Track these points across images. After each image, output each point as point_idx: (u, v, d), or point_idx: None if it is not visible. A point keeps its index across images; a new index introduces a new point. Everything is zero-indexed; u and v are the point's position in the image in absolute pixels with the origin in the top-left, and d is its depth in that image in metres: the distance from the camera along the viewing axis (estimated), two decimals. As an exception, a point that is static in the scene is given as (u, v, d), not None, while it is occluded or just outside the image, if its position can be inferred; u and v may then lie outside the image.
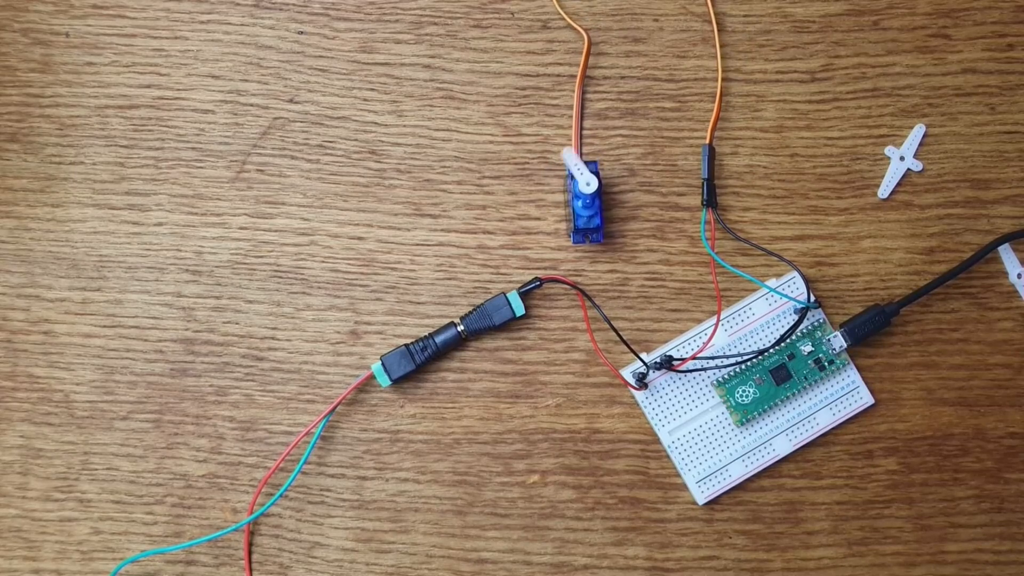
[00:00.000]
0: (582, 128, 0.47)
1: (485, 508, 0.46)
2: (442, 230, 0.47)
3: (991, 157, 0.47)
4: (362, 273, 0.47)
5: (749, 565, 0.46)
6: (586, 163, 0.45)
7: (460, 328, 0.46)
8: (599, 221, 0.45)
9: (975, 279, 0.47)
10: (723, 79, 0.47)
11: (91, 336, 0.47)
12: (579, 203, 0.45)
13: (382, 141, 0.47)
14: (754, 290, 0.46)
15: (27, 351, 0.47)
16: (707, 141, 0.47)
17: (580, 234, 0.46)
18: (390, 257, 0.47)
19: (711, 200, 0.46)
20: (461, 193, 0.47)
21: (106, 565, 0.46)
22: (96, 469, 0.47)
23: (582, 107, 0.47)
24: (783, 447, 0.46)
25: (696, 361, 0.46)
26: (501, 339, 0.47)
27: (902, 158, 0.47)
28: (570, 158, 0.45)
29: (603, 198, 0.46)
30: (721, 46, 0.47)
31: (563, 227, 0.47)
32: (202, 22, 0.48)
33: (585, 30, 0.47)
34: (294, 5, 0.48)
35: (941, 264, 0.47)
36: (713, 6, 0.47)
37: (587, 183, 0.44)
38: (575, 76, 0.47)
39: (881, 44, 0.47)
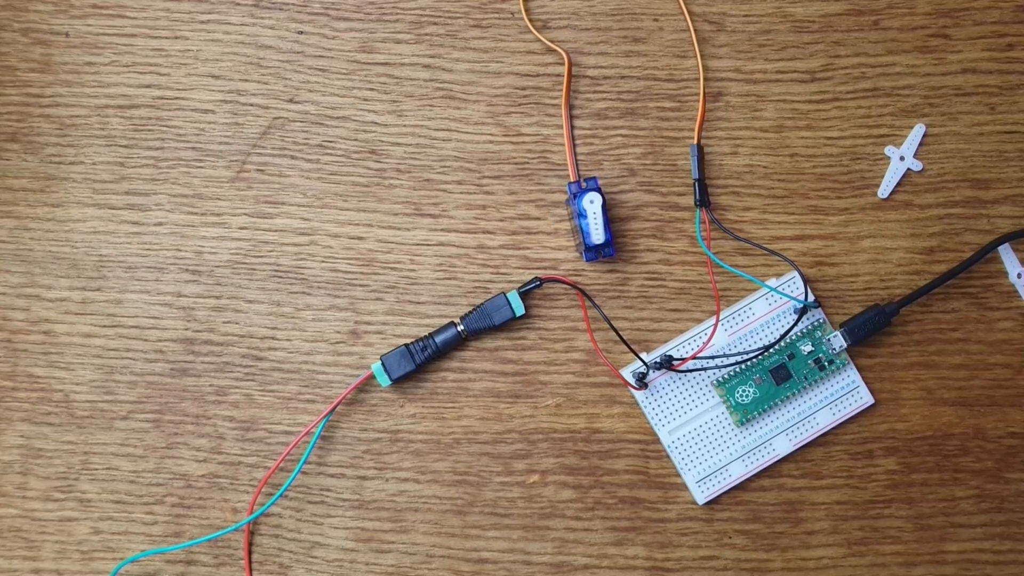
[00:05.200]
0: (575, 146, 0.47)
1: (485, 508, 0.46)
2: (442, 230, 0.47)
3: (991, 157, 0.47)
4: (362, 273, 0.47)
5: (749, 565, 0.46)
6: (584, 179, 0.45)
7: (460, 328, 0.46)
8: (608, 236, 0.45)
9: (975, 279, 0.47)
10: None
11: (91, 336, 0.47)
12: (585, 221, 0.45)
13: (382, 141, 0.47)
14: (754, 290, 0.46)
15: (27, 351, 0.47)
16: (695, 141, 0.47)
17: (592, 251, 0.46)
18: (390, 257, 0.47)
19: (703, 200, 0.46)
20: (461, 193, 0.47)
21: (106, 565, 0.46)
22: (96, 469, 0.47)
23: (571, 127, 0.47)
24: (783, 447, 0.46)
25: (696, 361, 0.46)
26: (501, 339, 0.47)
27: (902, 158, 0.47)
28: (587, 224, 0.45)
29: (607, 209, 0.46)
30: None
31: (564, 227, 0.47)
32: (202, 22, 0.48)
33: (565, 51, 0.47)
34: (294, 5, 0.48)
35: (941, 264, 0.47)
36: (687, 6, 0.47)
37: (591, 201, 0.44)
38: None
39: (881, 44, 0.47)
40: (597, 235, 0.45)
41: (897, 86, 0.47)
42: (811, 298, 0.46)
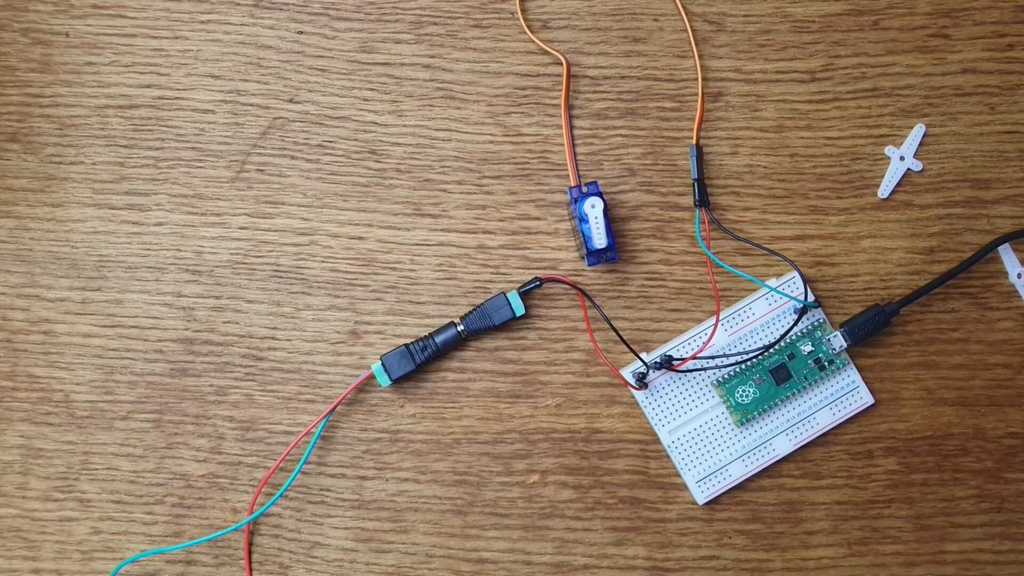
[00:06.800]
0: (575, 149, 0.47)
1: (485, 508, 0.46)
2: (442, 230, 0.47)
3: (991, 157, 0.47)
4: (362, 273, 0.47)
5: (749, 565, 0.46)
6: (585, 183, 0.45)
7: (460, 328, 0.46)
8: (610, 240, 0.45)
9: (975, 279, 0.47)
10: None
11: (91, 336, 0.47)
12: (587, 226, 0.45)
13: (382, 141, 0.47)
14: (754, 290, 0.47)
15: (27, 351, 0.47)
16: (694, 141, 0.47)
17: (594, 256, 0.45)
18: (390, 257, 0.47)
19: (703, 200, 0.46)
20: (461, 193, 0.47)
21: (106, 565, 0.47)
22: (96, 469, 0.47)
23: (571, 130, 0.47)
24: (783, 447, 0.46)
25: (696, 361, 0.46)
26: (501, 339, 0.47)
27: (902, 158, 0.47)
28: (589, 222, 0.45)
29: (608, 212, 0.46)
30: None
31: (564, 227, 0.47)
32: (202, 22, 0.48)
33: (564, 55, 0.47)
34: (294, 5, 0.48)
35: (941, 264, 0.47)
36: (686, 6, 0.47)
37: (592, 205, 0.44)
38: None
39: (881, 44, 0.47)
40: (599, 240, 0.45)
41: (897, 86, 0.47)
42: (811, 298, 0.46)
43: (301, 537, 0.46)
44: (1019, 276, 0.47)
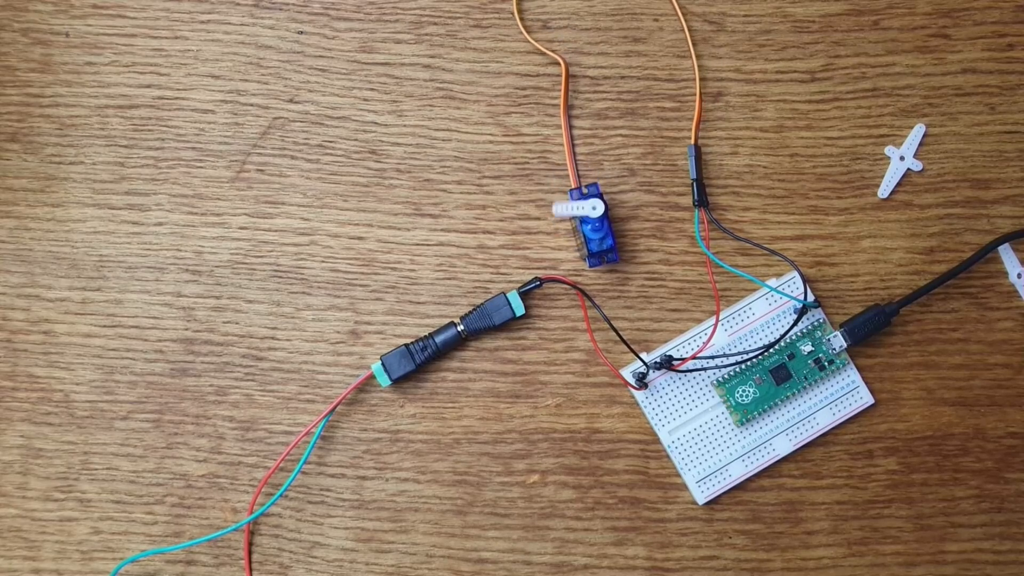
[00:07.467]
0: (575, 151, 0.47)
1: (485, 508, 0.46)
2: (442, 230, 0.47)
3: (991, 157, 0.47)
4: (362, 273, 0.47)
5: (749, 565, 0.46)
6: (585, 185, 0.45)
7: (460, 328, 0.46)
8: (611, 241, 0.45)
9: (975, 279, 0.47)
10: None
11: (91, 336, 0.47)
12: (588, 228, 0.45)
13: (382, 141, 0.47)
14: (754, 290, 0.47)
15: (27, 351, 0.47)
16: (692, 141, 0.47)
17: (596, 257, 0.45)
18: (390, 257, 0.47)
19: (702, 200, 0.46)
20: (461, 193, 0.47)
21: (106, 565, 0.47)
22: (96, 469, 0.47)
23: (571, 133, 0.47)
24: (783, 447, 0.46)
25: (696, 361, 0.46)
26: (501, 339, 0.47)
27: (902, 158, 0.47)
28: (562, 209, 0.44)
29: (609, 214, 0.46)
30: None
31: (564, 226, 0.47)
32: (202, 22, 0.48)
33: (562, 57, 0.47)
34: (294, 5, 0.48)
35: (941, 264, 0.47)
36: (685, 6, 0.47)
37: (593, 207, 0.44)
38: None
39: (881, 44, 0.47)
40: (601, 242, 0.45)
41: (897, 86, 0.47)
42: (811, 298, 0.46)
43: (301, 537, 0.46)
44: (1019, 276, 0.47)
